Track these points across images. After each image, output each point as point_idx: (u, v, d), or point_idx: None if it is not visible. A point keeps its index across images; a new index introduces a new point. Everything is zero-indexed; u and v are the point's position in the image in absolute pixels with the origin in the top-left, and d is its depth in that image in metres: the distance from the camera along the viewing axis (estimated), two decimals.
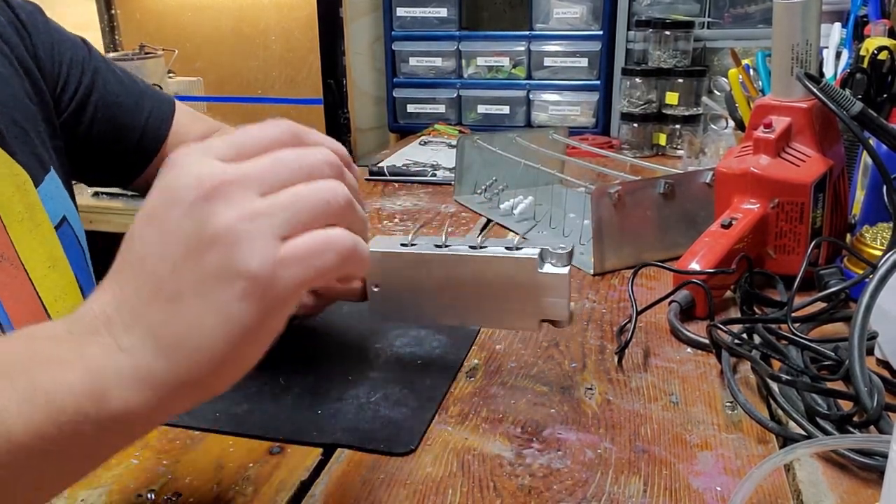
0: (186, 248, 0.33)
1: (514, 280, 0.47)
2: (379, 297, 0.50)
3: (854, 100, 0.59)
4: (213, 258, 0.32)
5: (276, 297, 0.32)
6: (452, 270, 0.48)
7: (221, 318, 0.32)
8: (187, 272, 0.33)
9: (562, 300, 0.47)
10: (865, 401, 0.42)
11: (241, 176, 0.32)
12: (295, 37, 1.92)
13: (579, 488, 0.40)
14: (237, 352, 0.33)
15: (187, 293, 0.32)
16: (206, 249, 0.32)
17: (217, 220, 0.32)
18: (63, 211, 0.62)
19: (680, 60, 1.25)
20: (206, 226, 0.32)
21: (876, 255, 0.61)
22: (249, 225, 0.32)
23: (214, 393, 0.34)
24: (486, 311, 0.49)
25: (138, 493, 0.40)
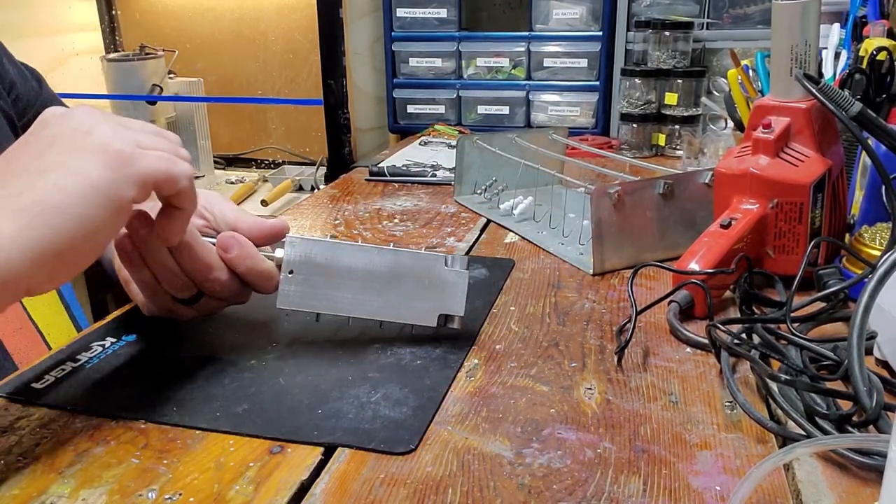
0: (55, 137, 0.42)
1: (420, 275, 0.54)
2: (291, 282, 0.54)
3: (853, 100, 0.59)
4: (83, 140, 0.42)
5: (128, 175, 0.42)
6: (365, 262, 0.54)
7: (81, 178, 0.40)
8: (53, 153, 0.41)
9: (460, 297, 0.55)
10: (864, 400, 0.42)
11: (115, 119, 0.44)
12: (295, 37, 1.93)
13: (579, 488, 0.40)
14: (90, 217, 0.40)
15: (48, 168, 0.40)
16: (80, 137, 0.42)
17: (98, 128, 0.42)
18: None
19: (679, 61, 1.25)
20: (86, 130, 0.42)
21: (875, 255, 0.61)
22: (119, 133, 0.43)
23: (70, 267, 0.41)
24: (392, 304, 0.54)
25: (138, 492, 0.40)
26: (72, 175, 0.40)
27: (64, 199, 0.40)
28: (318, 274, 0.54)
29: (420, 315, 0.55)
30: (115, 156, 0.41)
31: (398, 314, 0.55)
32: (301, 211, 0.94)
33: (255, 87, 2.00)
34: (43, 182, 0.40)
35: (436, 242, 0.81)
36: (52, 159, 0.41)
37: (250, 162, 2.06)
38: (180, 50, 1.96)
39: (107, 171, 0.41)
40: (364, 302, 0.55)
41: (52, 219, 0.39)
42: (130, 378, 0.51)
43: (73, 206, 0.40)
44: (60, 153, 0.41)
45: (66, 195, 0.40)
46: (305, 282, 0.54)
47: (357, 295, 0.54)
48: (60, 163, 0.41)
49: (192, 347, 0.56)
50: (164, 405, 0.48)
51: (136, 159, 0.42)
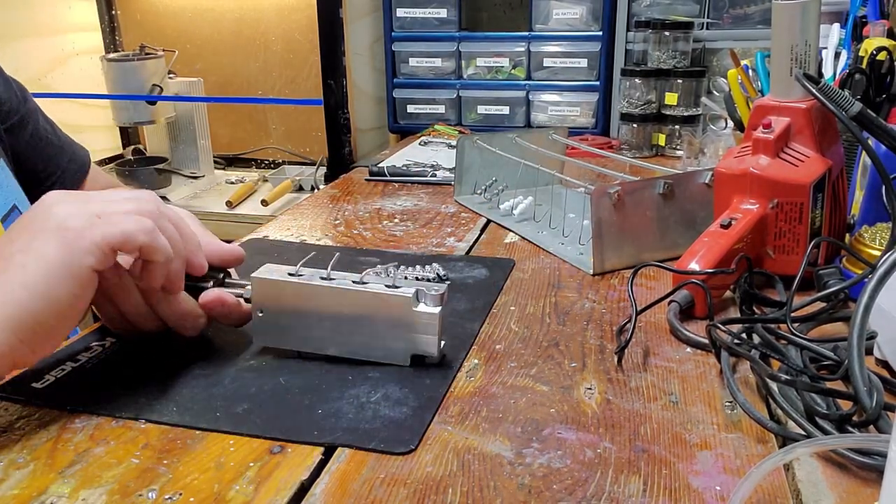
0: (28, 222, 0.47)
1: (390, 315, 0.51)
2: (262, 322, 0.53)
3: (853, 100, 0.59)
4: (44, 223, 0.46)
5: (81, 247, 0.45)
6: (334, 302, 0.52)
7: (39, 258, 0.44)
8: (23, 238, 0.46)
9: (432, 337, 0.51)
10: (864, 400, 0.42)
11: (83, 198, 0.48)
12: (295, 38, 1.93)
13: (579, 488, 0.40)
14: (53, 292, 0.44)
15: (16, 252, 0.45)
16: (42, 219, 0.46)
17: (57, 209, 0.46)
18: (13, 199, 0.65)
19: (679, 61, 1.25)
20: (48, 214, 0.46)
21: (875, 255, 0.61)
22: (78, 209, 0.47)
23: (49, 337, 0.45)
24: (363, 343, 0.52)
25: (139, 492, 0.40)
26: (32, 255, 0.45)
27: (27, 278, 0.44)
28: (286, 314, 0.53)
29: (392, 355, 0.52)
30: (67, 233, 0.45)
31: (370, 354, 0.52)
32: (301, 211, 0.94)
33: (255, 88, 2.00)
34: (11, 264, 0.45)
35: (436, 242, 0.81)
36: (18, 245, 0.45)
37: (250, 162, 2.07)
38: (180, 50, 1.96)
39: (61, 248, 0.45)
40: (336, 342, 0.53)
41: (19, 296, 0.44)
42: (130, 378, 0.51)
43: (35, 284, 0.44)
44: (28, 237, 0.46)
45: (28, 274, 0.44)
46: (276, 321, 0.53)
47: (328, 335, 0.53)
48: (26, 246, 0.45)
49: (192, 347, 0.56)
50: (164, 405, 0.48)
51: (86, 231, 0.46)
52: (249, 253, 0.78)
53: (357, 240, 0.83)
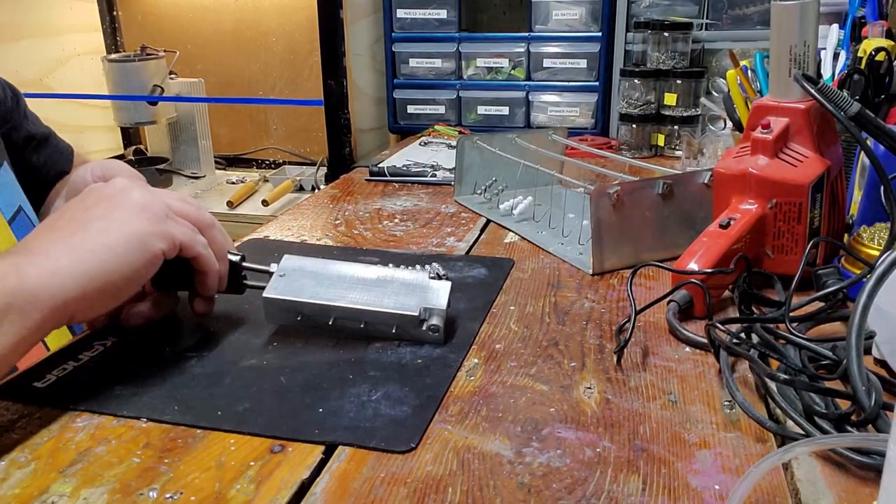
0: (101, 197, 0.51)
1: (405, 281, 0.57)
2: (280, 281, 0.57)
3: (852, 101, 0.59)
4: (122, 200, 0.51)
5: (161, 231, 0.51)
6: (355, 271, 0.58)
7: (123, 227, 0.49)
8: (99, 209, 0.50)
9: (443, 297, 0.56)
10: (863, 400, 0.42)
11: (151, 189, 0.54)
12: (295, 38, 1.93)
13: (578, 487, 0.40)
14: (129, 260, 0.49)
15: (95, 218, 0.49)
16: (120, 197, 0.51)
17: (135, 193, 0.52)
18: (18, 201, 0.65)
19: (678, 62, 1.25)
20: (126, 194, 0.52)
21: (873, 255, 0.61)
22: (153, 198, 0.52)
23: (107, 299, 0.49)
24: (376, 297, 0.56)
25: (140, 491, 0.40)
26: (116, 223, 0.50)
27: (109, 241, 0.49)
28: (307, 277, 0.57)
29: (403, 306, 0.55)
30: (150, 214, 0.51)
31: (382, 305, 0.55)
32: (301, 211, 0.94)
33: (255, 88, 2.00)
34: (92, 227, 0.49)
35: (436, 242, 0.81)
36: (98, 212, 0.50)
37: (251, 162, 2.07)
38: (181, 50, 1.96)
39: (145, 225, 0.50)
40: (349, 298, 0.56)
41: (99, 254, 0.48)
42: (132, 377, 0.51)
43: (116, 247, 0.49)
44: (106, 209, 0.50)
45: (112, 237, 0.49)
46: (294, 280, 0.57)
47: (342, 292, 0.56)
48: (106, 215, 0.50)
49: (193, 347, 0.56)
50: (166, 404, 0.48)
51: (165, 220, 0.52)
52: (250, 253, 0.78)
53: (357, 240, 0.83)
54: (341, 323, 0.56)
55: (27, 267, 0.45)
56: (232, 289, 0.60)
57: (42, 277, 0.45)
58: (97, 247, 0.48)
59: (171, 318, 0.61)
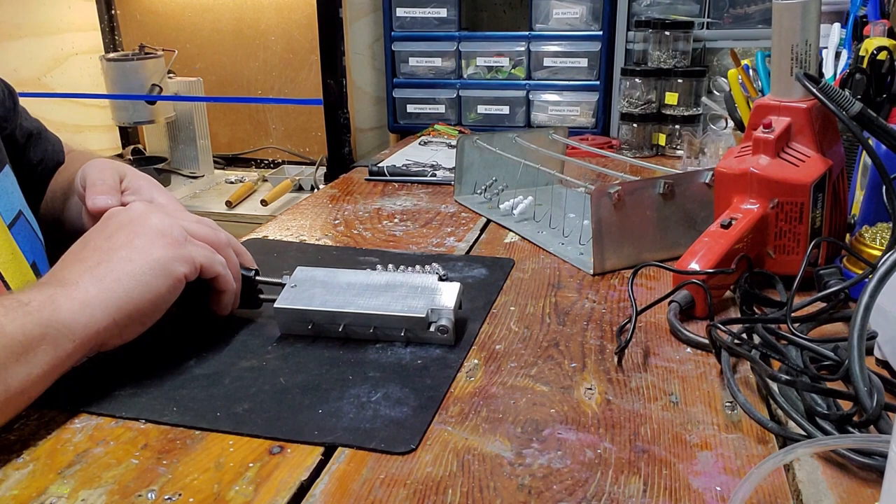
0: (121, 225, 0.53)
1: (414, 285, 0.58)
2: (292, 291, 0.58)
3: (853, 100, 0.59)
4: (143, 227, 0.53)
5: (182, 255, 0.52)
6: (363, 278, 0.59)
7: (146, 254, 0.51)
8: (121, 237, 0.52)
9: (451, 297, 0.57)
10: (865, 401, 0.42)
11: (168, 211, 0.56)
12: (295, 37, 1.93)
13: (579, 488, 0.40)
14: (154, 286, 0.50)
15: (118, 247, 0.51)
16: (140, 224, 0.53)
17: (154, 218, 0.54)
18: (18, 206, 0.65)
19: (679, 61, 1.25)
20: (145, 220, 0.53)
21: (875, 255, 0.61)
22: (172, 222, 0.54)
23: (136, 326, 0.51)
24: (384, 302, 0.56)
25: (138, 493, 0.40)
26: (138, 252, 0.51)
27: (134, 269, 0.50)
28: (317, 286, 0.58)
29: (410, 309, 0.55)
30: (171, 239, 0.53)
31: (390, 308, 0.55)
32: (301, 211, 0.94)
33: (254, 87, 2.00)
34: (116, 256, 0.51)
35: (436, 242, 0.81)
36: (120, 241, 0.52)
37: (250, 162, 2.06)
38: (180, 50, 1.95)
39: (166, 251, 0.52)
40: (356, 303, 0.56)
41: (126, 283, 0.49)
42: (130, 378, 0.51)
43: (141, 275, 0.50)
44: (127, 236, 0.52)
45: (136, 266, 0.50)
46: (304, 290, 0.58)
47: (351, 298, 0.57)
48: (128, 242, 0.51)
49: (192, 347, 0.56)
50: (164, 405, 0.48)
51: (185, 244, 0.53)
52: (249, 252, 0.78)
53: (357, 240, 0.82)
54: (351, 329, 0.56)
55: (61, 299, 0.47)
56: (248, 304, 0.61)
57: (74, 309, 0.47)
58: (123, 276, 0.50)
59: (170, 319, 0.61)
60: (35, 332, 0.44)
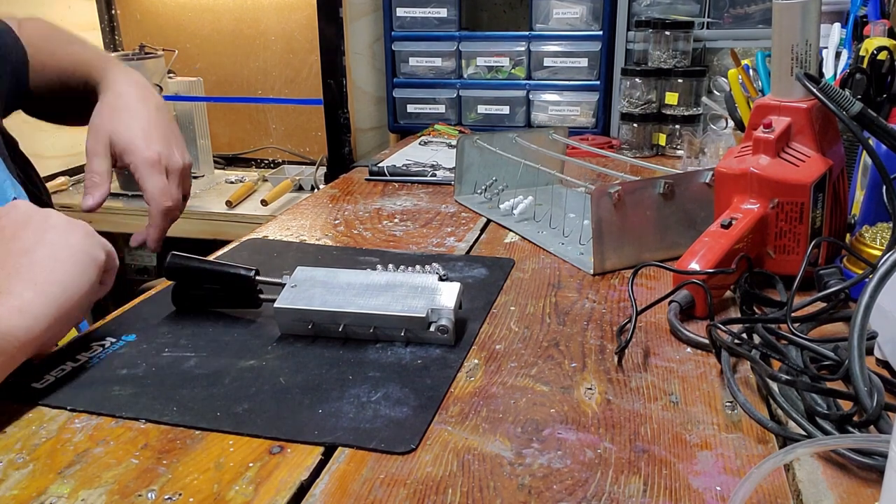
0: (17, 225, 0.50)
1: (414, 285, 0.58)
2: (292, 291, 0.58)
3: (853, 100, 0.59)
4: (46, 222, 0.51)
5: (97, 241, 0.52)
6: (363, 278, 0.59)
7: (67, 248, 0.49)
8: (27, 237, 0.49)
9: (451, 297, 0.57)
10: (865, 400, 0.42)
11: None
12: (295, 37, 1.92)
13: (579, 488, 0.40)
14: (84, 276, 0.50)
15: (32, 246, 0.49)
16: (40, 220, 0.51)
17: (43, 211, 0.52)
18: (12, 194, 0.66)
19: (680, 61, 1.25)
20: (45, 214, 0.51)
21: (875, 255, 0.61)
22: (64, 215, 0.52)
23: (69, 322, 0.49)
24: (384, 302, 0.57)
25: (138, 493, 0.40)
26: (58, 247, 0.50)
27: (63, 265, 0.49)
28: (317, 286, 0.58)
29: (409, 309, 0.55)
30: (83, 229, 0.52)
31: (390, 309, 0.55)
32: (301, 211, 0.94)
33: (254, 87, 2.00)
34: (38, 255, 0.49)
35: (436, 242, 0.81)
36: (30, 239, 0.50)
37: (250, 162, 2.06)
38: (180, 49, 1.95)
39: (83, 239, 0.51)
40: (356, 303, 0.56)
41: (60, 279, 0.48)
42: (130, 378, 0.51)
43: (71, 268, 0.49)
44: (35, 233, 0.50)
45: (62, 261, 0.49)
46: (304, 290, 0.58)
47: (351, 298, 0.56)
48: (40, 240, 0.50)
49: (191, 347, 0.56)
50: (164, 405, 0.48)
51: (95, 233, 0.53)
52: (249, 253, 0.78)
53: (357, 240, 0.82)
54: (351, 329, 0.56)
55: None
56: (248, 303, 0.61)
57: (13, 316, 0.45)
58: (54, 273, 0.48)
59: (169, 319, 0.61)
60: None
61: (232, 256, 0.76)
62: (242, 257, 0.76)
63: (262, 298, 0.61)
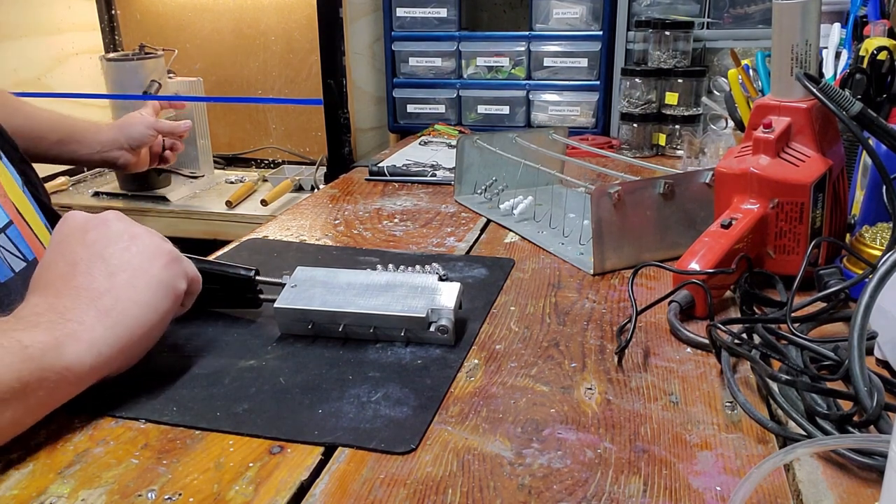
0: (108, 241, 0.49)
1: (414, 285, 0.58)
2: (292, 291, 0.58)
3: (853, 100, 0.59)
4: (133, 243, 0.50)
5: (181, 270, 0.51)
6: (363, 278, 0.59)
7: (148, 276, 0.48)
8: (115, 254, 0.49)
9: (451, 297, 0.57)
10: (865, 401, 0.42)
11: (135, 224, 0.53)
12: (295, 37, 1.92)
13: (579, 488, 0.40)
14: (159, 307, 0.48)
15: (117, 269, 0.48)
16: (127, 240, 0.50)
17: (133, 228, 0.51)
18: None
19: (680, 61, 1.25)
20: (126, 231, 0.50)
21: (875, 255, 0.61)
22: (154, 235, 0.52)
23: (141, 351, 0.49)
24: (384, 302, 0.57)
25: (138, 492, 0.40)
26: (140, 274, 0.48)
27: (138, 295, 0.48)
28: (317, 286, 0.58)
29: (409, 309, 0.55)
30: (168, 256, 0.51)
31: (390, 308, 0.55)
32: (301, 211, 0.94)
33: (254, 87, 1.99)
34: (119, 282, 0.48)
35: (436, 242, 0.81)
36: (117, 261, 0.49)
37: (250, 162, 2.06)
38: (180, 49, 1.95)
39: (167, 269, 0.50)
40: (356, 303, 0.56)
41: (133, 312, 0.47)
42: (130, 378, 0.51)
43: (146, 300, 0.48)
44: (121, 255, 0.49)
45: (139, 292, 0.48)
46: (304, 290, 0.58)
47: (351, 298, 0.56)
48: (126, 264, 0.49)
49: (191, 347, 0.56)
50: (164, 405, 0.48)
51: (181, 259, 0.52)
52: (249, 253, 0.78)
53: (357, 240, 0.82)
54: (351, 329, 0.56)
55: (67, 341, 0.44)
56: (248, 303, 0.61)
57: (81, 350, 0.44)
58: (130, 305, 0.47)
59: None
60: (33, 377, 0.41)
61: (232, 256, 0.76)
62: (242, 257, 0.76)
63: (262, 298, 0.61)
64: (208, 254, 0.73)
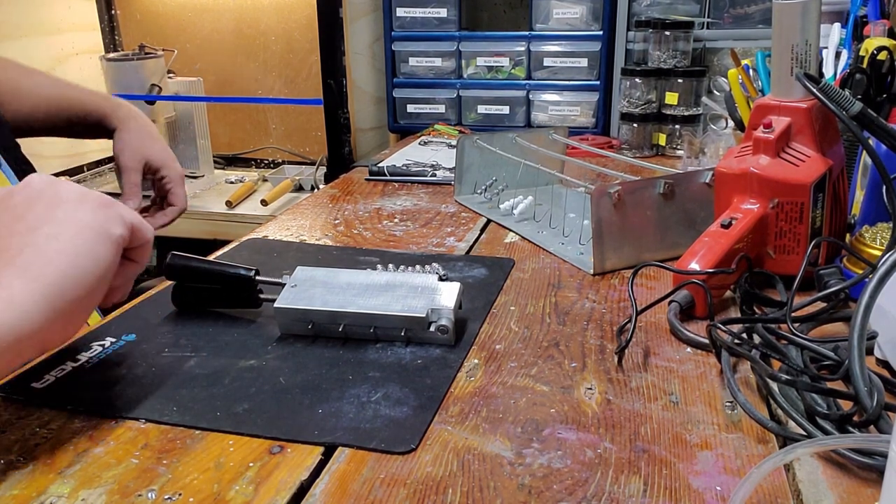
0: (30, 200, 0.45)
1: (414, 285, 0.58)
2: (292, 291, 0.58)
3: (853, 100, 0.59)
4: (57, 196, 0.45)
5: (115, 214, 0.46)
6: (363, 278, 0.59)
7: (73, 224, 0.43)
8: (35, 212, 0.44)
9: (451, 297, 0.57)
10: (865, 400, 0.42)
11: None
12: (295, 37, 1.93)
13: (579, 488, 0.40)
14: (91, 255, 0.43)
15: (37, 223, 0.43)
16: (52, 194, 0.45)
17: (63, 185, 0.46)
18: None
19: (680, 61, 1.25)
20: (55, 189, 0.45)
21: (875, 254, 0.61)
22: (82, 188, 0.46)
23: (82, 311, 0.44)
24: (384, 302, 0.57)
25: (138, 492, 0.40)
26: (63, 224, 0.44)
27: (62, 245, 0.43)
28: (318, 286, 0.58)
29: (409, 309, 0.55)
30: (95, 202, 0.46)
31: (390, 308, 0.55)
32: (301, 211, 0.94)
33: (254, 87, 2.00)
34: (38, 236, 0.43)
35: (436, 242, 0.81)
36: (36, 216, 0.44)
37: (250, 162, 2.06)
38: (180, 49, 1.95)
39: (94, 214, 0.45)
40: (356, 303, 0.56)
41: (58, 264, 0.42)
42: (130, 378, 0.51)
43: (73, 248, 0.43)
44: (44, 210, 0.44)
45: (63, 241, 0.43)
46: (305, 290, 0.58)
47: (351, 298, 0.56)
48: (48, 217, 0.44)
49: (191, 347, 0.56)
50: (164, 405, 0.48)
51: (114, 204, 0.47)
52: (249, 253, 0.78)
53: (357, 240, 0.82)
54: (351, 329, 0.56)
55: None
56: (248, 303, 0.61)
57: (0, 311, 0.39)
58: (53, 257, 0.42)
59: (169, 319, 0.61)
60: None
61: (232, 256, 0.76)
62: (242, 257, 0.76)
63: (262, 298, 0.61)
64: (208, 254, 0.73)
